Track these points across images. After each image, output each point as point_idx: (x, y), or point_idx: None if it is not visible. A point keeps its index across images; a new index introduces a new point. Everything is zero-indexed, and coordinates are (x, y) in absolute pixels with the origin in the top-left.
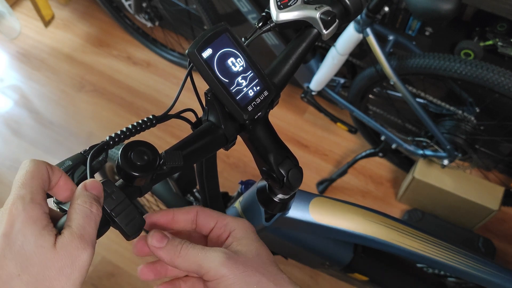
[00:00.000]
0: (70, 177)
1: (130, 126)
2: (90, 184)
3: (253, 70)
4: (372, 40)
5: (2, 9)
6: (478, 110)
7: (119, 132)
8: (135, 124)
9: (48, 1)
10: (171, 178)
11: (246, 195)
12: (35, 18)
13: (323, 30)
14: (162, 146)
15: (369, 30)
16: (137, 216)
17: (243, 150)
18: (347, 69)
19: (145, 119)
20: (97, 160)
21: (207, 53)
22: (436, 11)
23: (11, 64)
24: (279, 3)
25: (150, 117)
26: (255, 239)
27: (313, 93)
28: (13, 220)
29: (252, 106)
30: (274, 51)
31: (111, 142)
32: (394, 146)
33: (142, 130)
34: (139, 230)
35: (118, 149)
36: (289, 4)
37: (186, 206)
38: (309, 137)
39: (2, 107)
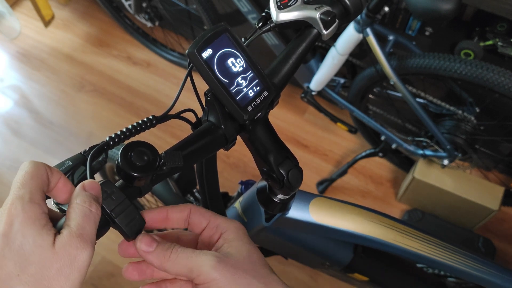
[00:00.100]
0: (70, 177)
1: (130, 127)
2: (89, 184)
3: (253, 70)
4: (372, 40)
5: (2, 9)
6: (478, 110)
7: (119, 132)
8: (135, 124)
9: (48, 1)
10: (171, 178)
11: (246, 195)
12: (35, 18)
13: (323, 30)
14: (162, 146)
15: (369, 30)
16: (137, 216)
17: (243, 150)
18: (347, 69)
19: (145, 119)
20: (97, 160)
21: (207, 53)
22: (436, 11)
23: (11, 64)
24: (279, 3)
25: (150, 117)
26: (247, 241)
27: (313, 93)
28: (12, 219)
29: (252, 106)
30: (274, 51)
31: (111, 143)
32: (394, 146)
33: (142, 130)
34: (139, 231)
35: (118, 149)
36: (289, 4)
37: (180, 204)
38: (309, 137)
39: (2, 107)
